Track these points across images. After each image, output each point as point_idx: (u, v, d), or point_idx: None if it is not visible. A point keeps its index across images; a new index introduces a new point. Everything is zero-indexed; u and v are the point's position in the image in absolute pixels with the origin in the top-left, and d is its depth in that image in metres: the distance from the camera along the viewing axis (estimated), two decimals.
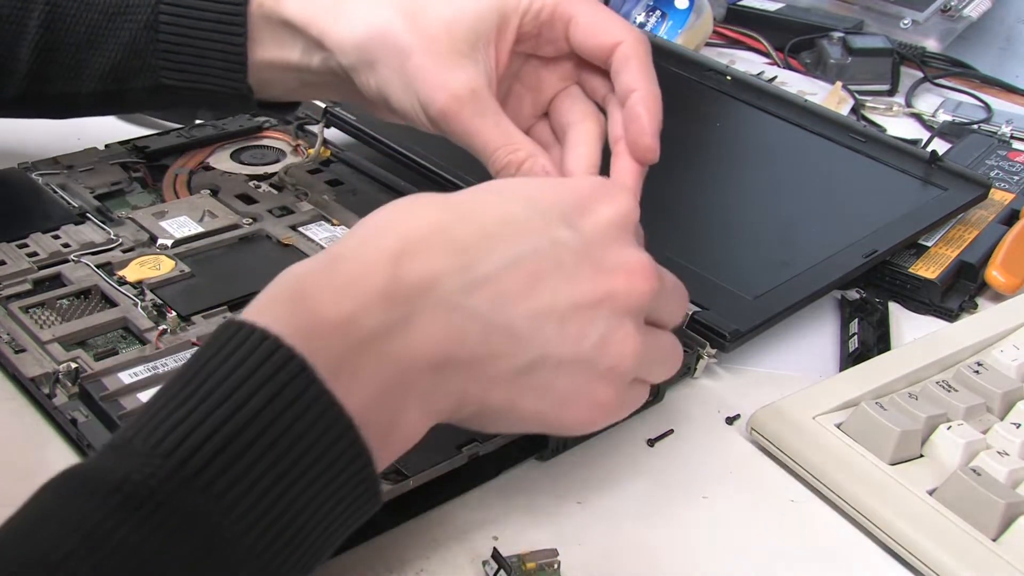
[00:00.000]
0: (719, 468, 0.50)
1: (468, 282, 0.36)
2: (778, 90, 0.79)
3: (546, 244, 0.38)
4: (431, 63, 0.48)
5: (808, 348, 0.60)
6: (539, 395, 0.38)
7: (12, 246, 0.55)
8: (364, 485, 0.34)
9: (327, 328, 0.34)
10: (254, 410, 0.32)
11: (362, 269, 0.36)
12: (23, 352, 0.49)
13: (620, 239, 0.40)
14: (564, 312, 0.38)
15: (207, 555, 0.30)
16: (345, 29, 0.50)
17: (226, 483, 0.31)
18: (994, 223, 0.70)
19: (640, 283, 0.39)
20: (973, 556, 0.44)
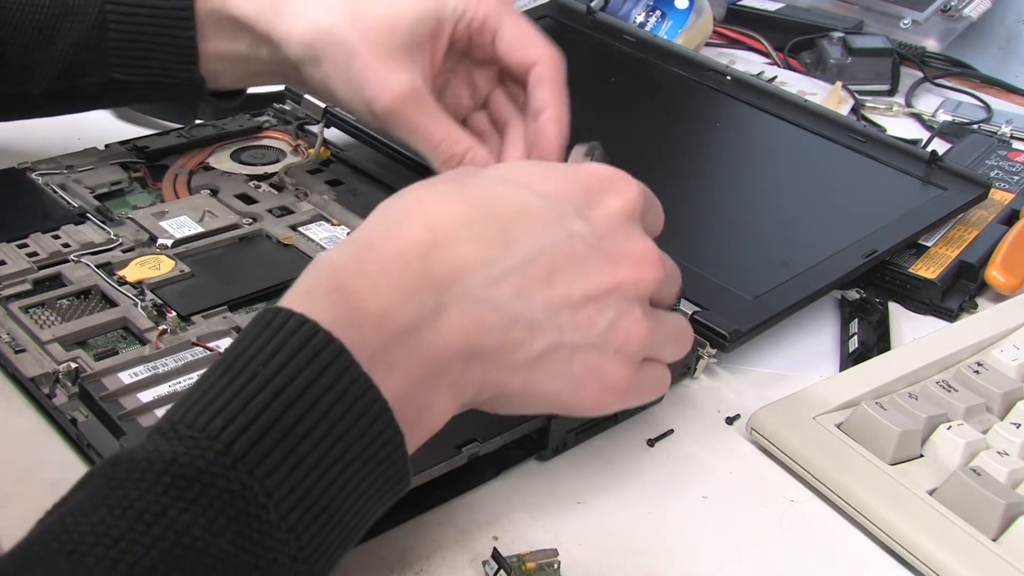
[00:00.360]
0: (719, 468, 0.50)
1: (492, 275, 0.38)
2: (778, 90, 0.79)
3: (562, 237, 0.40)
4: (375, 63, 0.51)
5: (808, 348, 0.60)
6: (554, 379, 0.40)
7: (12, 246, 0.55)
8: (396, 467, 0.35)
9: (365, 319, 0.35)
10: (295, 393, 0.33)
11: (395, 260, 0.37)
12: (23, 352, 0.49)
13: (627, 229, 0.42)
14: (578, 302, 0.40)
15: (252, 534, 0.31)
16: (291, 25, 0.53)
17: (270, 464, 0.32)
18: (994, 223, 0.70)
19: (646, 272, 0.41)
20: (973, 556, 0.44)
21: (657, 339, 0.43)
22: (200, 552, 0.30)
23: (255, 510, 0.31)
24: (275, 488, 0.32)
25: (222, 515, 0.31)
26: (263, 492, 0.32)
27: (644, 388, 0.44)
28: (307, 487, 0.33)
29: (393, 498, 0.36)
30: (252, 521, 0.31)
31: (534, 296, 0.39)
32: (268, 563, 0.32)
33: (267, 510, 0.32)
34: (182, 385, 0.47)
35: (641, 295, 0.41)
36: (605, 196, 0.42)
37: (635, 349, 0.41)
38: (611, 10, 0.92)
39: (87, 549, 0.29)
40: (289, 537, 0.32)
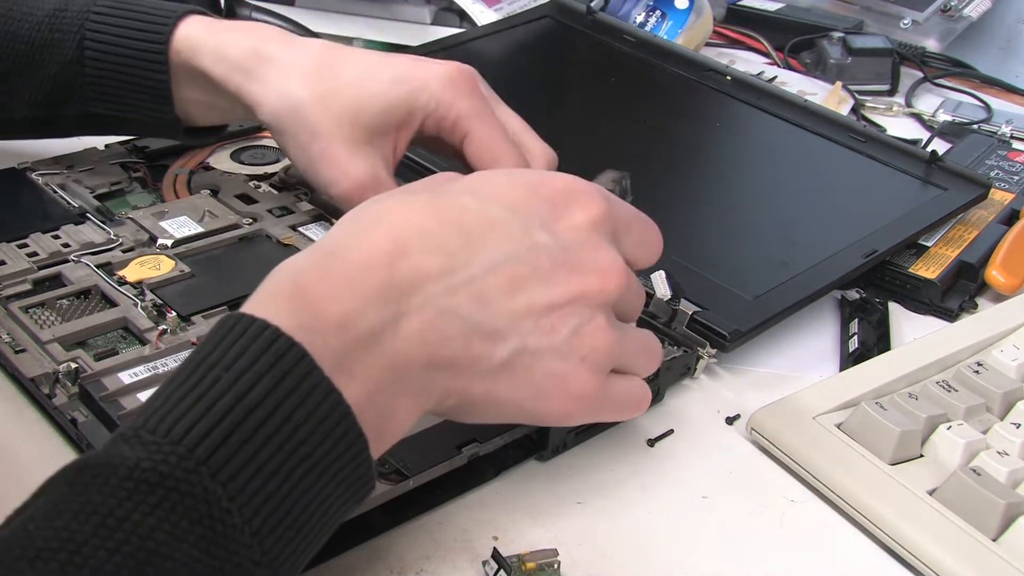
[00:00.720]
0: (719, 468, 0.50)
1: (453, 284, 0.38)
2: (778, 90, 0.79)
3: (525, 248, 0.40)
4: (336, 149, 0.52)
5: (808, 348, 0.60)
6: (517, 386, 0.40)
7: (12, 246, 0.55)
8: (360, 470, 0.35)
9: (326, 326, 0.35)
10: (257, 397, 0.33)
11: (357, 268, 0.37)
12: (23, 352, 0.49)
13: (592, 241, 0.42)
14: (540, 310, 0.40)
15: (215, 538, 0.31)
16: (259, 92, 0.54)
17: (233, 468, 0.32)
18: (994, 223, 0.70)
19: (610, 282, 0.42)
20: (973, 556, 0.44)
21: (624, 350, 0.43)
22: (164, 557, 0.30)
23: (219, 514, 0.31)
24: (238, 492, 0.32)
25: (185, 519, 0.31)
26: (226, 496, 0.32)
27: (617, 401, 0.44)
28: (271, 491, 0.33)
29: (357, 502, 0.36)
30: (216, 525, 0.31)
31: (495, 305, 0.39)
32: (232, 567, 0.32)
33: (231, 514, 0.32)
34: None
35: (605, 305, 0.41)
36: (570, 209, 0.42)
37: (600, 358, 0.41)
38: (611, 10, 0.92)
39: (50, 555, 0.29)
40: (253, 541, 0.32)
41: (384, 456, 0.44)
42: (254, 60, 0.54)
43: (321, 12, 0.97)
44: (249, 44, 0.54)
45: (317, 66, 0.53)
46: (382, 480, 0.43)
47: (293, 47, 0.54)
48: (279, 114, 0.53)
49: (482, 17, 0.93)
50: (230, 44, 0.54)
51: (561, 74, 0.84)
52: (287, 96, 0.53)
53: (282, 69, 0.53)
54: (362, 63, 0.54)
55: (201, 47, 0.55)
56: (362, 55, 0.55)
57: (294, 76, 0.53)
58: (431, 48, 0.82)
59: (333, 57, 0.54)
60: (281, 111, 0.53)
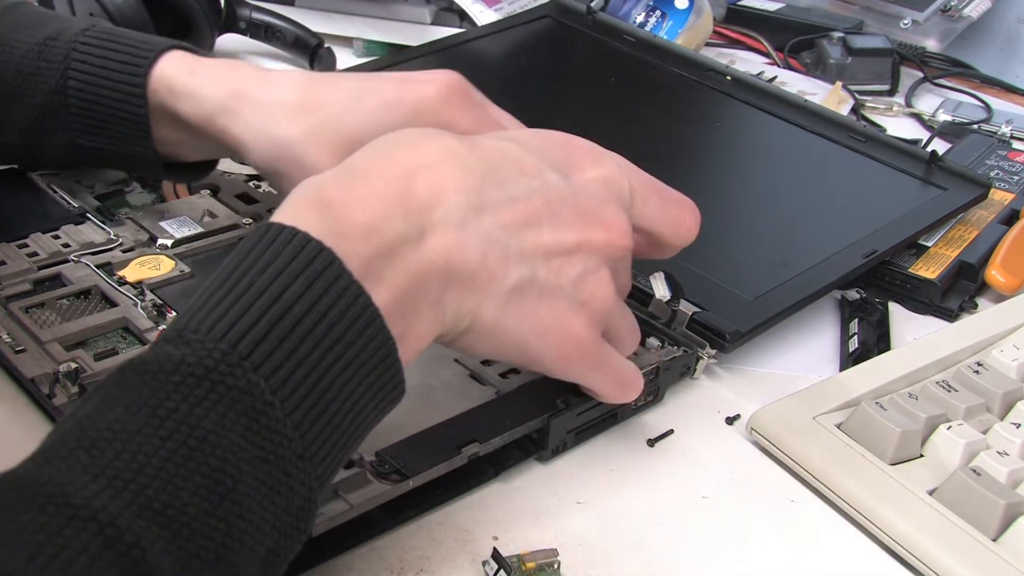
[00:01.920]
0: (719, 468, 0.50)
1: (473, 203, 0.40)
2: (778, 90, 0.79)
3: (539, 184, 0.42)
4: None
5: (808, 348, 0.60)
6: (523, 317, 0.42)
7: (12, 246, 0.55)
8: (389, 373, 0.37)
9: (355, 231, 0.37)
10: (292, 298, 0.34)
11: (382, 180, 0.39)
12: (23, 352, 0.49)
13: (603, 196, 0.44)
14: (549, 248, 0.42)
15: (260, 429, 0.33)
16: (244, 134, 0.52)
17: (274, 363, 0.34)
18: (994, 223, 0.70)
19: (615, 237, 0.43)
20: (973, 556, 0.44)
21: (617, 311, 0.45)
22: (213, 444, 0.32)
23: (262, 406, 0.33)
24: (280, 386, 0.33)
25: (231, 410, 0.32)
26: (269, 389, 0.33)
27: (612, 369, 0.46)
28: (309, 386, 0.34)
29: (388, 407, 0.38)
30: (260, 417, 0.33)
31: (510, 231, 0.41)
32: (277, 459, 0.33)
33: (273, 407, 0.33)
34: None
35: (609, 258, 0.43)
36: (585, 164, 0.44)
37: (599, 307, 0.43)
38: (611, 10, 0.92)
39: (105, 444, 0.31)
40: (295, 434, 0.34)
41: (384, 456, 0.44)
42: (233, 100, 0.52)
43: (321, 12, 0.97)
44: (225, 86, 0.52)
45: (300, 101, 0.51)
46: (382, 480, 0.43)
47: (271, 84, 0.52)
48: (269, 157, 0.51)
49: (482, 17, 0.93)
50: (206, 87, 0.52)
51: (561, 74, 0.84)
52: (274, 138, 0.50)
53: (263, 109, 0.51)
54: (345, 91, 0.51)
55: (178, 91, 0.53)
56: (343, 82, 0.52)
57: (278, 115, 0.51)
58: (431, 48, 0.82)
59: (314, 89, 0.51)
60: (270, 154, 0.51)
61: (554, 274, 0.42)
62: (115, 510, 0.30)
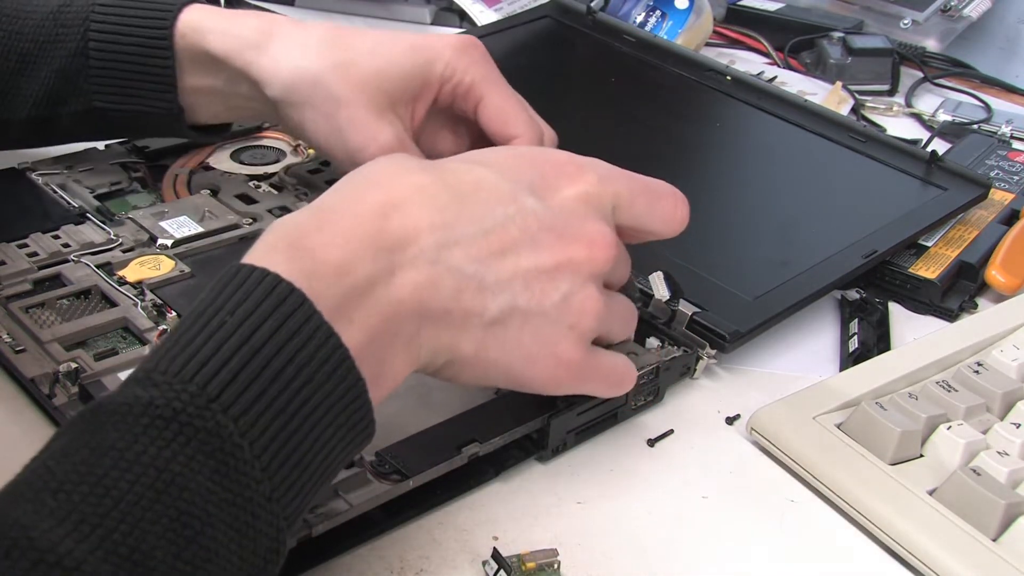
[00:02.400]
0: (719, 468, 0.50)
1: (445, 239, 0.40)
2: (778, 90, 0.79)
3: (514, 211, 0.41)
4: (362, 115, 0.53)
5: (808, 348, 0.60)
6: (507, 347, 0.41)
7: (12, 246, 0.55)
8: (360, 414, 0.36)
9: (325, 271, 0.37)
10: (262, 339, 0.34)
11: (353, 220, 0.39)
12: (23, 352, 0.49)
13: (582, 213, 0.43)
14: (528, 274, 0.41)
15: (228, 471, 0.33)
16: (271, 66, 0.54)
17: (243, 404, 0.33)
18: (994, 223, 0.70)
19: (598, 252, 0.43)
20: (973, 556, 0.44)
21: (609, 317, 0.44)
22: (181, 487, 0.32)
23: (231, 448, 0.33)
24: (249, 427, 0.33)
25: (200, 453, 0.32)
26: (238, 431, 0.33)
27: (603, 374, 0.45)
28: (278, 427, 0.34)
29: (358, 447, 0.37)
30: (228, 459, 0.33)
31: (486, 263, 0.40)
32: (245, 501, 0.33)
33: (242, 449, 0.33)
34: None
35: (594, 273, 0.43)
36: (562, 183, 0.44)
37: (589, 324, 0.43)
38: (611, 10, 0.92)
39: (72, 487, 0.31)
40: (263, 476, 0.33)
41: (384, 456, 0.44)
42: (264, 36, 0.54)
43: (321, 12, 0.97)
44: (256, 24, 0.55)
45: (329, 39, 0.54)
46: (382, 480, 0.43)
47: (301, 26, 0.56)
48: (294, 87, 0.54)
49: (482, 17, 0.93)
50: (238, 24, 0.55)
51: (561, 74, 0.84)
52: (302, 68, 0.54)
53: (293, 43, 0.54)
54: (373, 37, 0.55)
55: (208, 29, 0.55)
56: (371, 31, 0.56)
57: (308, 49, 0.54)
58: None
59: (343, 32, 0.55)
60: (297, 83, 0.54)
61: (536, 300, 0.41)
62: (80, 555, 0.29)
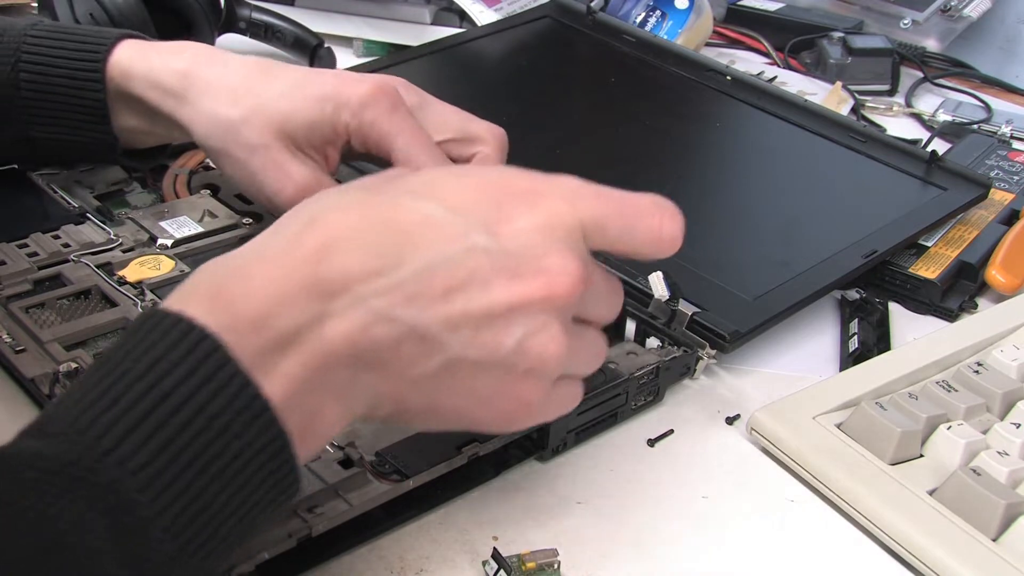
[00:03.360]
0: (719, 468, 0.50)
1: (383, 285, 0.36)
2: (778, 90, 0.79)
3: (462, 251, 0.37)
4: (275, 158, 0.53)
5: (808, 348, 0.60)
6: (459, 395, 0.38)
7: (12, 246, 0.55)
8: (283, 470, 0.34)
9: (242, 324, 0.34)
10: (168, 388, 0.32)
11: (280, 267, 0.36)
12: (23, 352, 0.49)
13: (541, 245, 0.39)
14: (479, 318, 0.37)
15: (125, 530, 0.31)
16: (192, 115, 0.55)
17: (142, 459, 0.31)
18: (994, 223, 0.70)
19: (558, 288, 0.38)
20: (973, 556, 0.44)
21: (575, 356, 0.40)
22: (71, 545, 0.30)
23: (127, 505, 0.31)
24: (148, 483, 0.31)
25: (91, 510, 0.30)
26: (134, 487, 0.31)
27: (557, 404, 0.42)
28: (185, 483, 0.32)
29: (281, 504, 0.35)
30: (124, 516, 0.31)
31: (430, 309, 0.37)
32: (143, 561, 0.31)
33: (140, 505, 0.31)
34: None
35: (555, 311, 0.38)
36: (519, 210, 0.39)
37: (549, 367, 0.39)
38: (611, 10, 0.92)
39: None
40: (166, 536, 0.31)
41: (384, 456, 0.44)
42: (183, 84, 0.54)
43: (321, 12, 0.97)
44: (179, 67, 0.55)
45: (244, 85, 0.54)
46: (382, 480, 0.43)
47: (222, 68, 0.55)
48: (212, 135, 0.54)
49: (482, 17, 0.93)
50: (160, 69, 0.55)
51: (561, 74, 0.84)
52: (218, 117, 0.54)
53: (211, 91, 0.54)
54: (288, 80, 0.54)
55: (133, 74, 0.55)
56: (291, 72, 0.55)
57: (223, 97, 0.54)
58: (431, 48, 0.82)
59: (260, 75, 0.55)
60: (213, 132, 0.54)
61: (489, 348, 0.37)
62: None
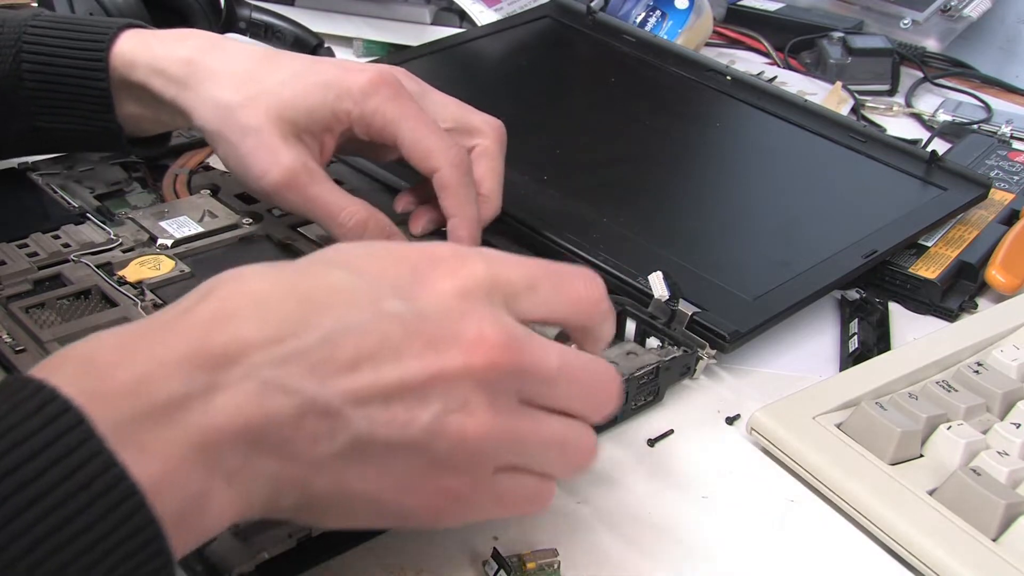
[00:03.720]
0: (719, 468, 0.50)
1: (281, 354, 0.33)
2: (778, 90, 0.79)
3: (370, 317, 0.34)
4: (266, 141, 0.53)
5: (808, 348, 0.60)
6: (372, 481, 0.34)
7: (12, 246, 0.55)
8: (155, 563, 0.30)
9: (113, 391, 0.31)
10: (20, 459, 0.29)
11: (166, 333, 0.33)
12: (23, 352, 0.49)
13: (460, 311, 0.35)
14: (390, 392, 0.34)
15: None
16: (195, 102, 0.55)
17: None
18: (994, 223, 0.70)
19: (480, 357, 0.34)
20: (973, 556, 0.44)
21: (516, 443, 0.36)
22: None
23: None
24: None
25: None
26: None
27: (504, 501, 0.37)
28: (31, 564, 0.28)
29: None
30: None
31: (334, 382, 0.33)
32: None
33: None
34: None
35: (481, 386, 0.35)
36: (437, 275, 0.36)
37: (474, 452, 0.35)
38: (611, 10, 0.92)
39: None
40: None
41: None
42: (188, 71, 0.55)
43: (321, 12, 0.97)
44: (182, 55, 0.55)
45: (247, 72, 0.55)
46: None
47: (225, 55, 0.55)
48: (211, 118, 0.54)
49: (482, 17, 0.93)
50: (163, 57, 0.55)
51: (561, 74, 0.84)
52: (218, 102, 0.54)
53: (214, 77, 0.54)
54: (290, 68, 0.55)
55: (137, 62, 0.55)
56: (294, 60, 0.56)
57: (225, 83, 0.54)
58: (431, 48, 0.82)
59: (263, 63, 0.55)
60: (213, 116, 0.54)
61: (400, 424, 0.34)
62: None
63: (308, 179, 0.53)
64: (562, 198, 0.64)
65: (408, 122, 0.54)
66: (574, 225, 0.61)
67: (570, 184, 0.66)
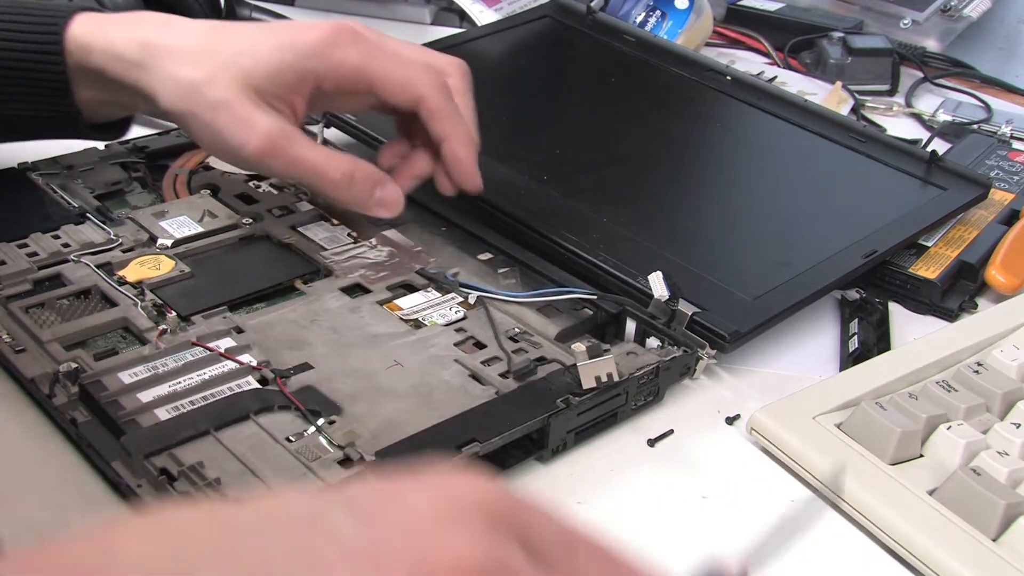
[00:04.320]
0: (719, 468, 0.50)
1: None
2: (778, 90, 0.79)
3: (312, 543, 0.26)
4: (237, 112, 0.52)
5: (808, 348, 0.60)
6: None
7: (12, 246, 0.55)
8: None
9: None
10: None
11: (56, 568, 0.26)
12: (23, 352, 0.49)
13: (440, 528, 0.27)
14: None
15: None
16: (156, 83, 0.54)
17: None
18: (994, 223, 0.70)
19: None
20: (973, 556, 0.44)
21: None
22: None
23: None
24: None
25: None
26: None
27: None
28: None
29: None
30: None
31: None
32: None
33: None
34: (182, 385, 0.47)
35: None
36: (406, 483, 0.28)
37: None
38: (611, 10, 0.92)
39: None
40: None
41: (384, 456, 0.44)
42: (144, 52, 0.54)
43: (321, 12, 0.97)
44: (137, 37, 0.54)
45: (201, 46, 0.54)
46: None
47: (177, 32, 0.55)
48: (176, 98, 0.54)
49: (482, 17, 0.93)
50: (119, 40, 0.55)
51: (561, 74, 0.84)
52: (180, 80, 0.53)
53: (172, 56, 0.54)
54: (246, 37, 0.54)
55: (93, 46, 0.55)
56: (247, 29, 0.55)
57: (183, 60, 0.54)
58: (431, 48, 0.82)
59: (217, 34, 0.54)
60: (177, 95, 0.54)
61: None
62: None
63: (288, 142, 0.53)
64: (562, 198, 0.64)
65: (378, 61, 0.54)
66: (574, 225, 0.61)
67: (570, 184, 0.66)
